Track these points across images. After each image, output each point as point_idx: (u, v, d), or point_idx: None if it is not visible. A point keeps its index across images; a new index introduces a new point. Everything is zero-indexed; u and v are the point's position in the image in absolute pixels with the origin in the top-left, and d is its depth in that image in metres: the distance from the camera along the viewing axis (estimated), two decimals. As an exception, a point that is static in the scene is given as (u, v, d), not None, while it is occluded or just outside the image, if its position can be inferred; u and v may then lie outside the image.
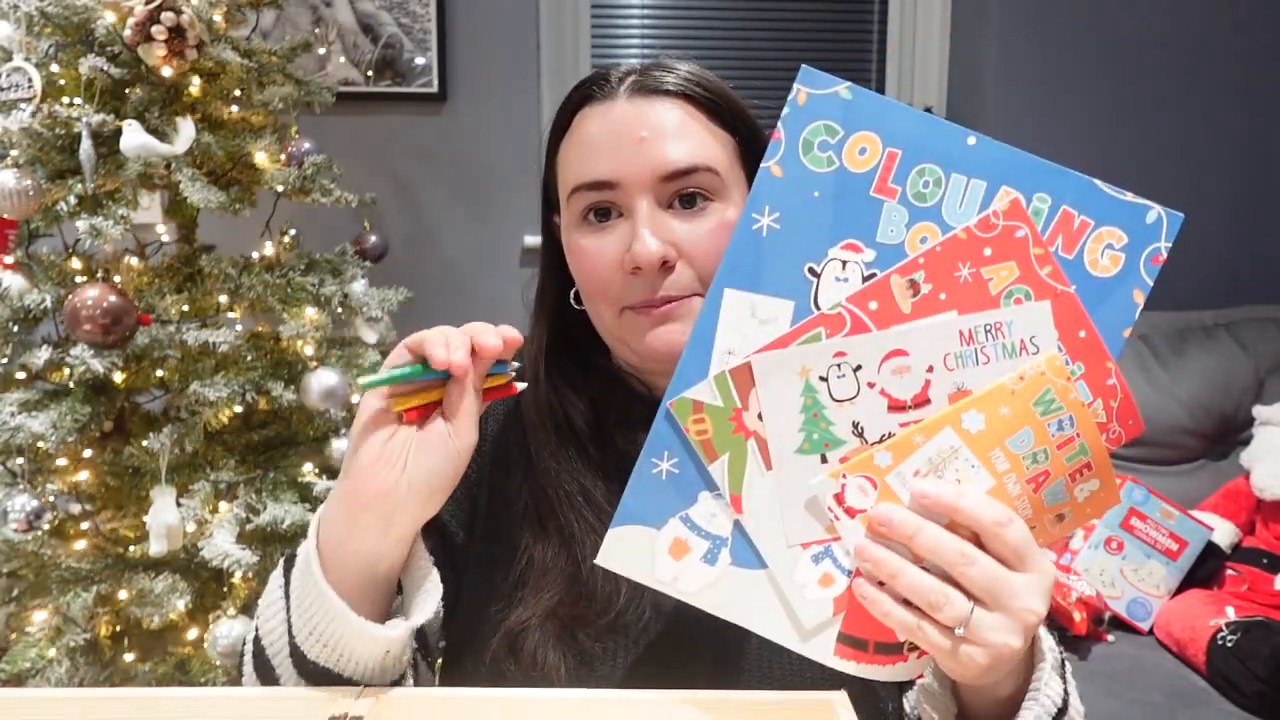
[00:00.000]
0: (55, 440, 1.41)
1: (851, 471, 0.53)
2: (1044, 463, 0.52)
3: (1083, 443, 0.52)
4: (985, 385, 0.51)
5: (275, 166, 1.61)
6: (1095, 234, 0.52)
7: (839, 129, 0.52)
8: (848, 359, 0.52)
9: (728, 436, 0.54)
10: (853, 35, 2.52)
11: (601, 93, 0.74)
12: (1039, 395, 0.51)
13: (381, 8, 2.21)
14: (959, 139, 0.52)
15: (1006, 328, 0.51)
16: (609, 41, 2.46)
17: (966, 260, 0.51)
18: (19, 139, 1.43)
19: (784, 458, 0.54)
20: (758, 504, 0.54)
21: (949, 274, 0.51)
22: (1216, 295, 2.28)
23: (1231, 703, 1.53)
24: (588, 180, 0.72)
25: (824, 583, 0.54)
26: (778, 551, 0.54)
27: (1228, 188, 2.39)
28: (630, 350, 0.75)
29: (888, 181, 0.52)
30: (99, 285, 1.40)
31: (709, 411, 0.54)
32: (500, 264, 2.31)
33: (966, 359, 0.52)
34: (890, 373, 0.52)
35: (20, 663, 1.43)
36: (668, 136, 0.71)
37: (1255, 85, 2.36)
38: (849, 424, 0.53)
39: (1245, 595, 1.77)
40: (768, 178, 0.53)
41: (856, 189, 0.52)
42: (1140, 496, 1.84)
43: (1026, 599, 0.52)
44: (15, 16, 1.47)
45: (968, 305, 0.52)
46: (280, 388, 1.55)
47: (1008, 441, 0.52)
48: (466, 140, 2.26)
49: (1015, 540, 0.52)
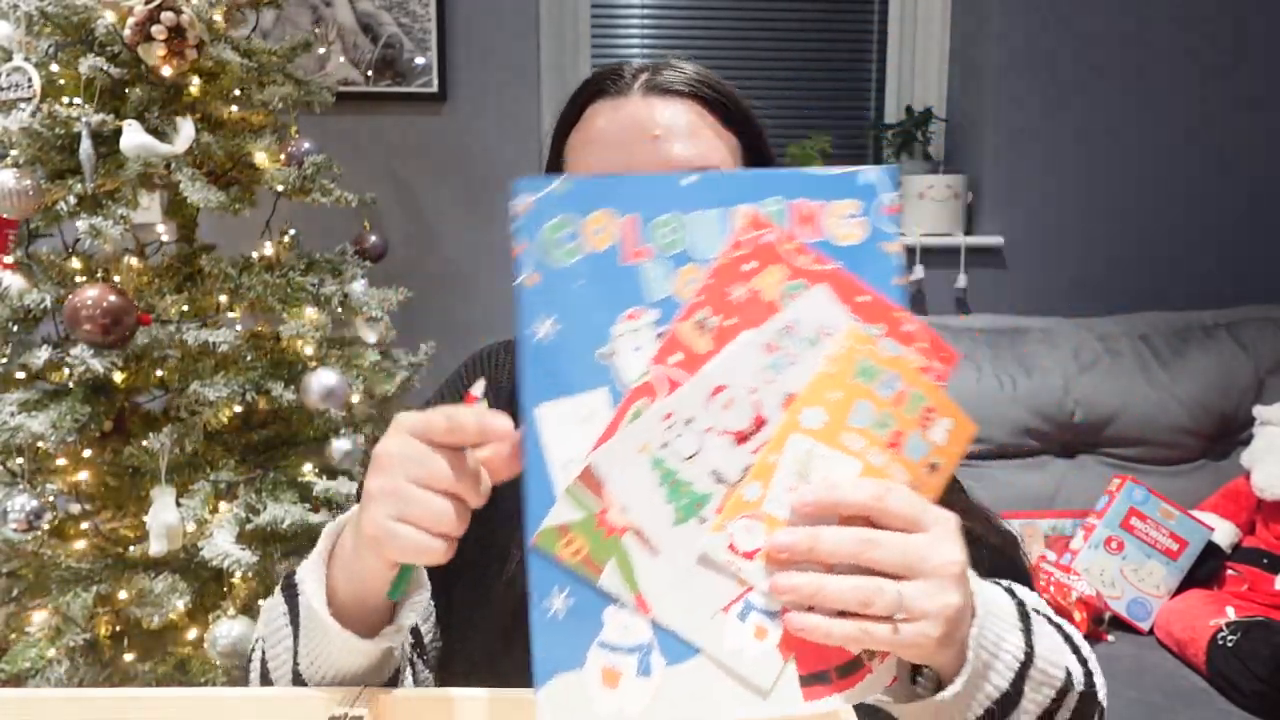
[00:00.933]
0: (55, 440, 1.41)
1: (730, 517, 0.52)
2: (893, 424, 0.53)
3: (915, 391, 0.53)
4: (806, 381, 0.53)
5: (275, 166, 1.61)
6: (829, 211, 0.54)
7: (571, 219, 0.53)
8: (676, 416, 0.52)
9: (603, 543, 0.52)
10: (853, 35, 2.52)
11: (614, 88, 0.75)
12: (856, 367, 0.52)
13: (381, 8, 2.21)
14: (676, 183, 0.54)
15: (798, 323, 0.53)
16: (609, 41, 2.46)
17: (735, 281, 0.53)
18: (19, 139, 1.43)
19: (664, 536, 0.52)
20: (662, 593, 0.52)
21: (727, 300, 0.53)
22: (1216, 295, 2.28)
23: (1231, 702, 1.53)
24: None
25: (759, 635, 0.52)
26: (701, 628, 0.52)
27: (1228, 188, 2.39)
28: None
29: (635, 246, 0.53)
30: (99, 285, 1.40)
31: (575, 528, 0.52)
32: (500, 264, 2.30)
33: (780, 366, 0.52)
34: (720, 409, 0.52)
35: (20, 663, 1.43)
36: (679, 136, 0.72)
37: (1255, 85, 2.36)
38: (708, 475, 0.52)
39: (1245, 595, 1.77)
40: (525, 291, 0.53)
41: (609, 265, 0.53)
42: (1140, 496, 1.85)
43: (940, 553, 0.51)
44: (15, 16, 1.47)
45: (757, 319, 0.53)
46: (280, 388, 1.55)
47: (850, 420, 0.52)
48: (466, 140, 2.26)
49: (900, 506, 0.51)
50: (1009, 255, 2.37)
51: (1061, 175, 2.35)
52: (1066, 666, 0.61)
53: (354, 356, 1.71)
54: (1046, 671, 0.59)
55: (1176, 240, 2.39)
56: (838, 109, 2.55)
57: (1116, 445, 2.03)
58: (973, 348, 2.04)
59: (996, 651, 0.57)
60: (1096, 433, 2.02)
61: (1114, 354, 2.06)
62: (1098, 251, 2.38)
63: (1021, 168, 2.35)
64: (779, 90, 2.51)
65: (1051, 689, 0.59)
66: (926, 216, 2.32)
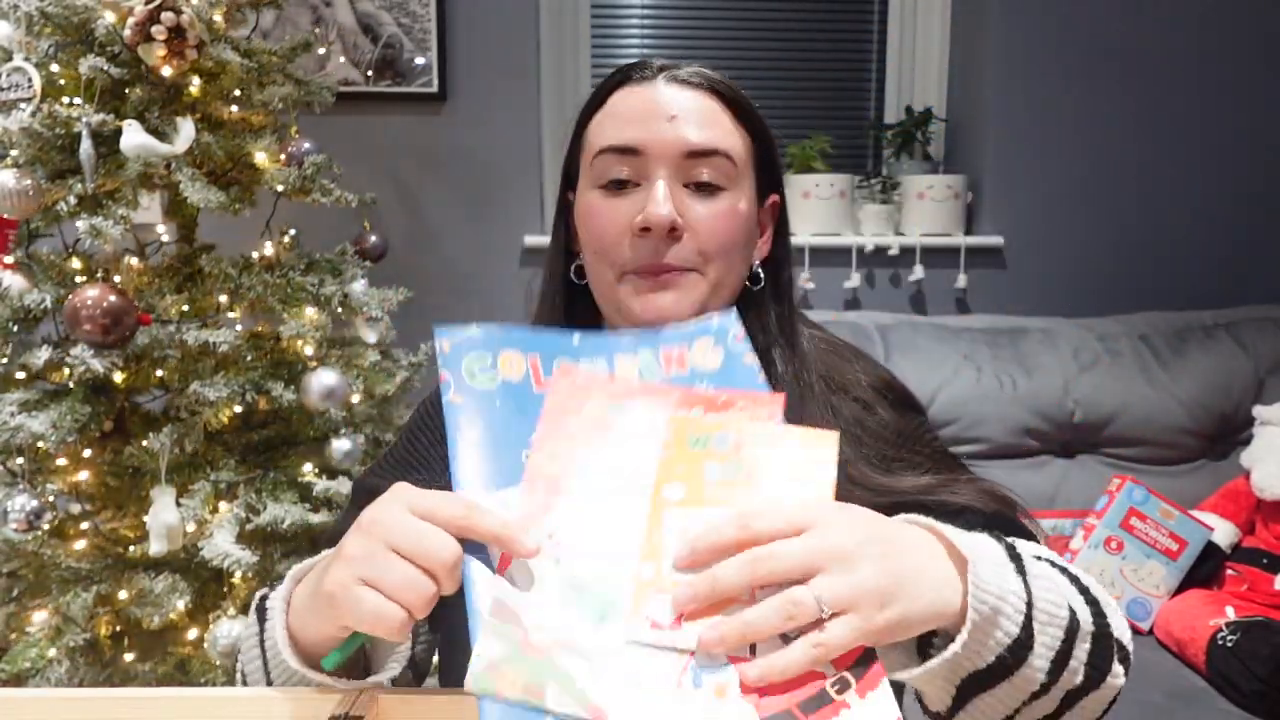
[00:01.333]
0: (55, 440, 1.41)
1: (641, 601, 0.53)
2: (743, 467, 0.58)
3: (748, 434, 0.59)
4: (654, 470, 0.58)
5: (275, 166, 1.61)
6: (693, 350, 0.67)
7: (486, 355, 0.64)
8: (558, 533, 0.56)
9: (536, 666, 0.52)
10: (853, 35, 2.52)
11: (639, 75, 0.79)
12: (688, 440, 0.59)
13: (381, 8, 2.21)
14: (569, 339, 0.66)
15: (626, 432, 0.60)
16: (609, 41, 2.46)
17: (567, 414, 0.61)
18: (19, 139, 1.43)
19: (591, 640, 0.53)
20: (612, 694, 0.51)
21: (565, 431, 0.60)
22: (1216, 295, 2.28)
23: (1231, 702, 1.54)
24: (615, 144, 0.76)
25: (720, 694, 0.51)
26: (664, 712, 0.51)
27: (1227, 187, 2.39)
28: (621, 316, 0.78)
29: (541, 377, 0.64)
30: (99, 285, 1.40)
31: (505, 663, 0.52)
32: (500, 264, 2.31)
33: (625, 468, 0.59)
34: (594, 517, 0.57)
35: (20, 663, 1.43)
36: (695, 120, 0.76)
37: (1255, 85, 2.36)
38: (608, 575, 0.55)
39: (1245, 595, 1.77)
40: (452, 407, 0.61)
41: (523, 391, 0.63)
42: (1140, 496, 1.85)
43: (830, 536, 0.52)
44: (15, 16, 1.47)
45: (590, 440, 0.60)
46: (280, 388, 1.55)
47: (706, 480, 0.57)
48: (466, 140, 2.26)
49: (766, 523, 0.52)
50: (1009, 255, 2.37)
51: (1061, 175, 2.35)
52: (1070, 605, 0.59)
53: (354, 356, 1.71)
54: (1048, 612, 0.57)
55: (1176, 240, 2.39)
56: (838, 109, 2.55)
57: (1116, 445, 2.03)
58: (973, 348, 2.04)
59: (1003, 594, 0.55)
60: (1096, 433, 2.02)
61: (1114, 354, 2.06)
62: (1098, 251, 2.38)
63: (1021, 168, 2.35)
64: (779, 90, 2.51)
65: (1058, 629, 0.57)
66: (926, 216, 2.32)
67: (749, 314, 0.82)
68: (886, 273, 2.36)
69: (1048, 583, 0.58)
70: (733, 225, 0.77)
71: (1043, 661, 0.57)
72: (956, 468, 0.82)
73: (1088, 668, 0.60)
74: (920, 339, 2.05)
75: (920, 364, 2.00)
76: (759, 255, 0.84)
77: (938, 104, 2.49)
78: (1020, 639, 0.55)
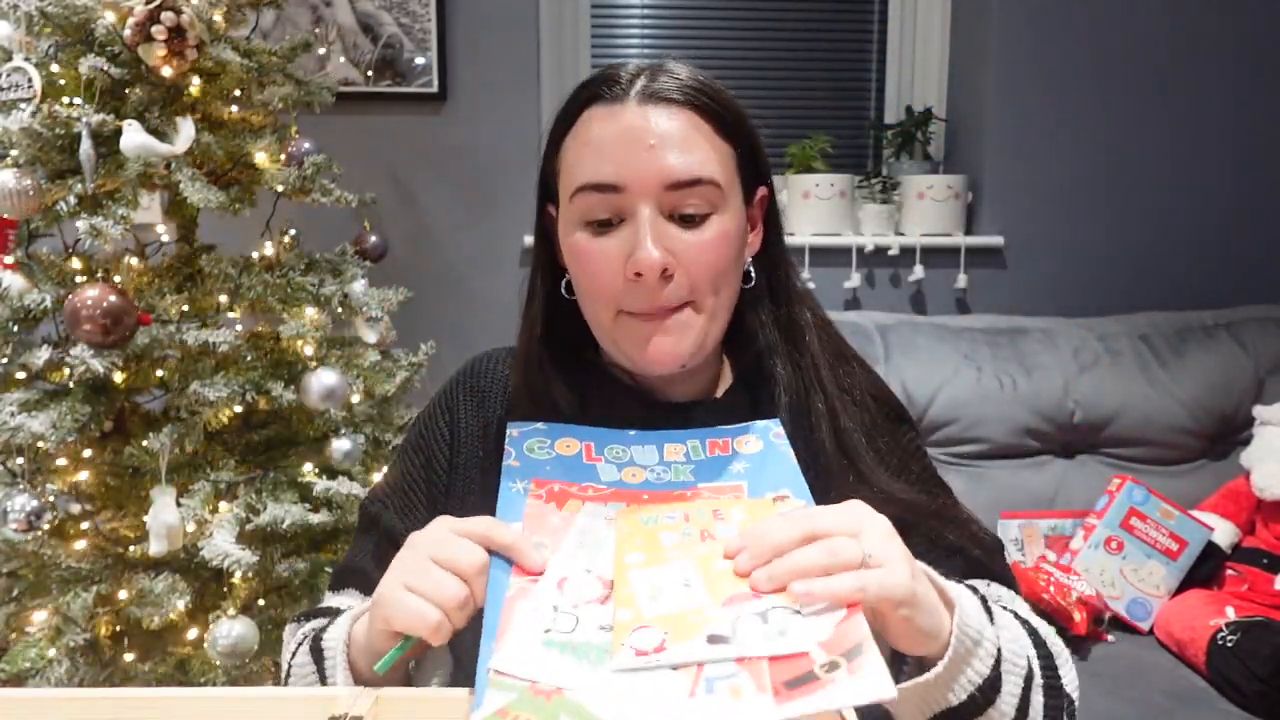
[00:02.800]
0: (55, 440, 1.41)
1: (620, 638, 0.56)
2: (695, 528, 0.64)
3: (695, 506, 0.68)
4: (612, 550, 0.64)
5: (275, 166, 1.61)
6: (735, 439, 0.76)
7: (546, 439, 0.76)
8: (541, 609, 0.59)
9: (546, 708, 0.53)
10: (853, 35, 2.52)
11: (610, 93, 0.74)
12: (641, 521, 0.66)
13: (381, 8, 2.21)
14: (624, 434, 0.76)
15: (588, 527, 0.67)
16: (609, 41, 2.46)
17: (547, 516, 0.68)
18: (19, 139, 1.42)
19: (595, 682, 0.54)
20: (631, 712, 0.52)
21: (546, 526, 0.67)
22: (1216, 295, 2.28)
23: (1231, 703, 1.53)
24: (593, 182, 0.73)
25: (735, 694, 0.52)
26: (686, 713, 0.52)
27: (1227, 187, 2.39)
28: (624, 355, 0.77)
29: (592, 454, 0.74)
30: (99, 285, 1.40)
31: (515, 706, 0.53)
32: (500, 264, 2.31)
33: (593, 552, 0.64)
34: (574, 590, 0.61)
35: (20, 663, 1.43)
36: (675, 146, 0.72)
37: (1255, 84, 2.36)
38: (597, 632, 0.58)
39: (1245, 595, 1.77)
40: (509, 468, 0.72)
41: (573, 461, 0.74)
42: (1140, 496, 1.85)
43: (873, 544, 0.57)
44: (15, 16, 1.47)
45: (562, 532, 0.67)
46: (280, 388, 1.55)
47: (663, 543, 0.64)
48: (466, 140, 2.26)
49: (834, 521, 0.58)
50: (1009, 255, 2.37)
51: (1061, 175, 2.35)
52: (1027, 657, 0.65)
53: (354, 356, 1.71)
54: (1012, 660, 0.63)
55: (1176, 240, 2.39)
56: (838, 109, 2.55)
57: (1116, 445, 2.03)
58: (973, 348, 2.04)
59: (979, 639, 0.61)
60: (1096, 433, 2.02)
61: (1114, 354, 2.06)
62: (1098, 251, 2.38)
63: (1021, 168, 2.35)
64: (779, 90, 2.51)
65: (1018, 677, 0.63)
66: (926, 216, 2.32)
67: (747, 315, 0.81)
68: (886, 273, 2.36)
69: (1010, 633, 0.64)
70: (724, 252, 0.75)
71: (1008, 706, 0.62)
72: (946, 493, 0.83)
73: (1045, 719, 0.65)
74: (920, 339, 2.05)
75: (920, 364, 2.00)
76: (750, 252, 0.81)
77: (938, 104, 2.49)
78: (991, 679, 0.61)
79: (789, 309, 0.81)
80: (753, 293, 0.81)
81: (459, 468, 0.84)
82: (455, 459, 0.85)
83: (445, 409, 0.88)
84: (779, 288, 0.82)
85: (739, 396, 0.82)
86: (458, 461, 0.85)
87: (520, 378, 0.82)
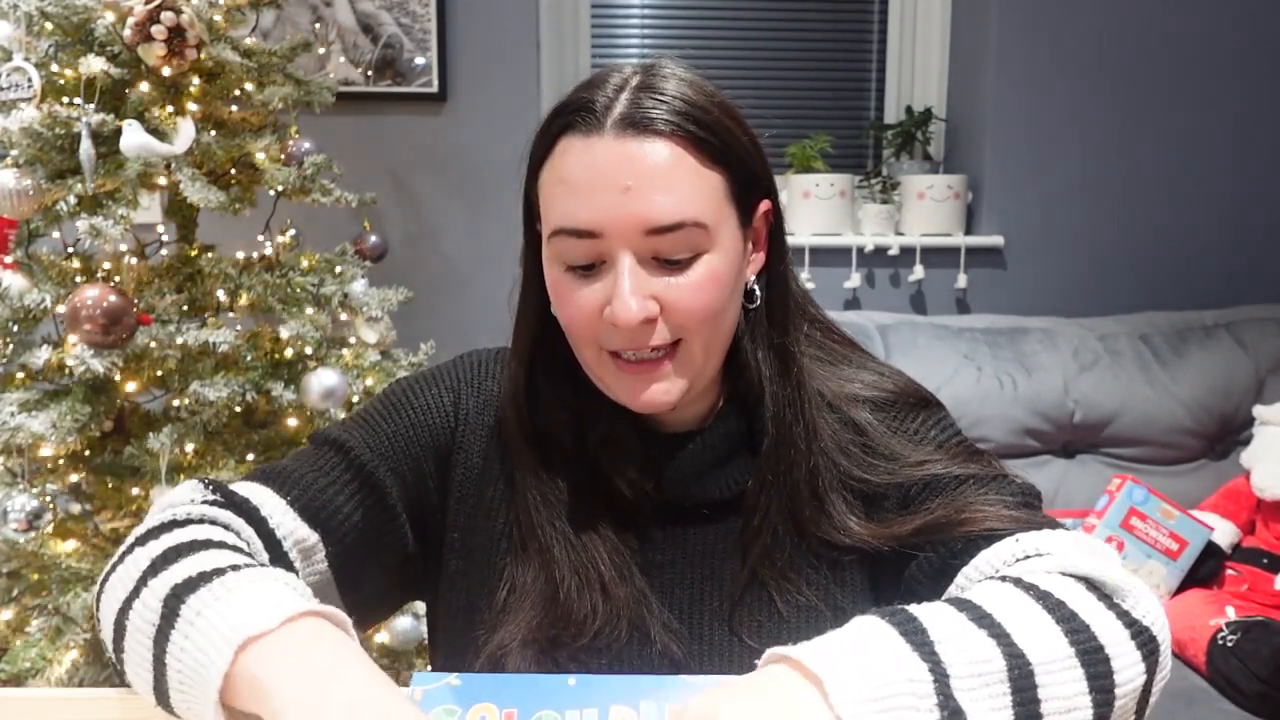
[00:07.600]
0: (55, 440, 1.41)
1: None
2: None
3: None
4: None
5: (275, 166, 1.61)
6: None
7: (456, 708, 0.58)
8: None
9: None
10: (853, 35, 2.52)
11: (585, 123, 0.69)
12: None
13: (381, 8, 2.21)
14: (561, 684, 0.59)
15: None
16: (609, 41, 2.46)
17: None
18: (19, 139, 1.42)
19: None
20: None
21: None
22: (1216, 295, 2.28)
23: (1231, 703, 1.53)
24: (570, 227, 0.69)
25: None
26: None
27: (1227, 187, 2.39)
28: (612, 393, 0.73)
29: None
30: (99, 285, 1.40)
31: None
32: (500, 264, 2.30)
33: None
34: None
35: (20, 663, 1.43)
36: (655, 186, 0.66)
37: (1254, 84, 2.36)
38: None
39: (1245, 595, 1.77)
40: None
41: None
42: (1140, 496, 1.84)
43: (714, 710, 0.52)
44: (15, 16, 1.47)
45: None
46: (280, 388, 1.55)
47: None
48: (466, 140, 2.26)
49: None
50: (1009, 255, 2.37)
51: (1061, 175, 2.35)
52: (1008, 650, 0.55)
53: (354, 356, 1.71)
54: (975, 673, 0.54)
55: (1176, 240, 2.39)
56: (838, 109, 2.55)
57: (1116, 445, 2.03)
58: (973, 347, 2.04)
59: (883, 693, 0.51)
60: (1096, 433, 2.02)
61: (1114, 354, 2.06)
62: (1098, 251, 2.38)
63: (1021, 168, 2.35)
64: (779, 90, 2.51)
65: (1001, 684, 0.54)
66: (926, 216, 2.32)
67: (743, 338, 0.76)
68: (886, 272, 2.36)
69: (965, 642, 0.54)
70: (713, 293, 0.69)
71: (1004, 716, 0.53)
72: (980, 462, 0.76)
73: (1092, 692, 0.56)
74: (920, 339, 2.05)
75: (920, 364, 2.00)
76: (754, 269, 0.75)
77: (938, 104, 2.49)
78: (955, 708, 0.51)
79: (783, 338, 0.76)
80: (754, 318, 0.76)
81: (457, 466, 0.80)
82: (455, 440, 0.81)
83: (449, 388, 0.84)
84: (776, 310, 0.76)
85: (732, 424, 0.77)
86: (459, 444, 0.80)
87: (512, 411, 0.78)
